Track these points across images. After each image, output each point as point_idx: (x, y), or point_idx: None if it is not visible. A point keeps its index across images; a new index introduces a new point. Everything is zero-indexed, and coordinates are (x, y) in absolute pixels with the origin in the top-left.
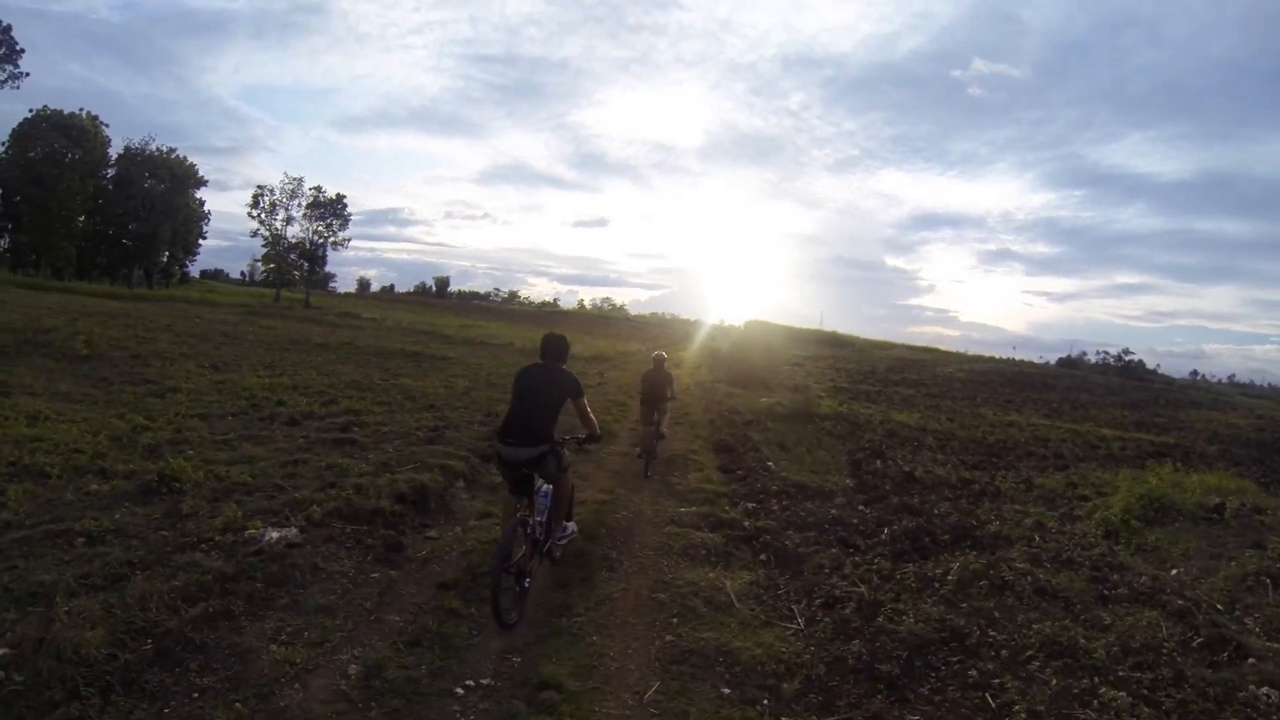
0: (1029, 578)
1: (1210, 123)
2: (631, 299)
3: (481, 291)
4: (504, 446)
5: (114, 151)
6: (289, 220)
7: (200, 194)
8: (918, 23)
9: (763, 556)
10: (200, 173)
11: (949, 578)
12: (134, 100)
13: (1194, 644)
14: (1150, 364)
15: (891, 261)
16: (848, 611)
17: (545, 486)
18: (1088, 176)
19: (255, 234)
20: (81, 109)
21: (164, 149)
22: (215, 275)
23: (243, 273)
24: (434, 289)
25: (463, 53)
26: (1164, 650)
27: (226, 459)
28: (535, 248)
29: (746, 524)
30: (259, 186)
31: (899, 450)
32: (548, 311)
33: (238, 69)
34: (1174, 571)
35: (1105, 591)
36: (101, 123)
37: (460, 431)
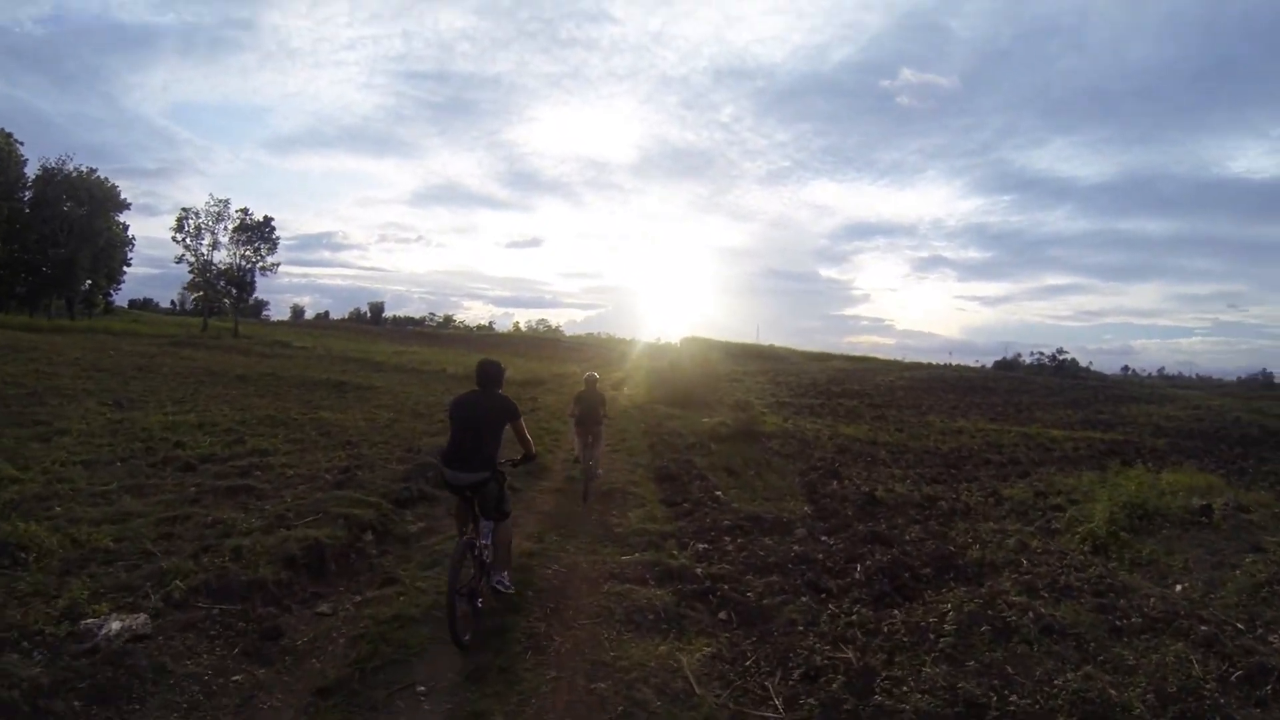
0: (1030, 614)
1: (1130, 126)
2: (567, 320)
3: (416, 317)
4: (449, 470)
5: (31, 172)
6: (215, 244)
7: (125, 218)
8: (847, 33)
9: (722, 615)
10: (123, 195)
11: (945, 626)
12: (60, 119)
13: (1232, 678)
14: (1083, 362)
15: (825, 272)
16: (835, 687)
17: (487, 525)
18: (1015, 181)
19: (180, 259)
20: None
21: (84, 170)
22: (144, 305)
23: (173, 301)
24: (369, 315)
25: (395, 69)
26: (1205, 693)
27: (96, 517)
28: (470, 270)
29: (699, 571)
30: (183, 209)
31: (853, 467)
32: (482, 335)
33: (166, 86)
34: (1179, 588)
35: (1117, 622)
36: (16, 140)
37: (375, 472)
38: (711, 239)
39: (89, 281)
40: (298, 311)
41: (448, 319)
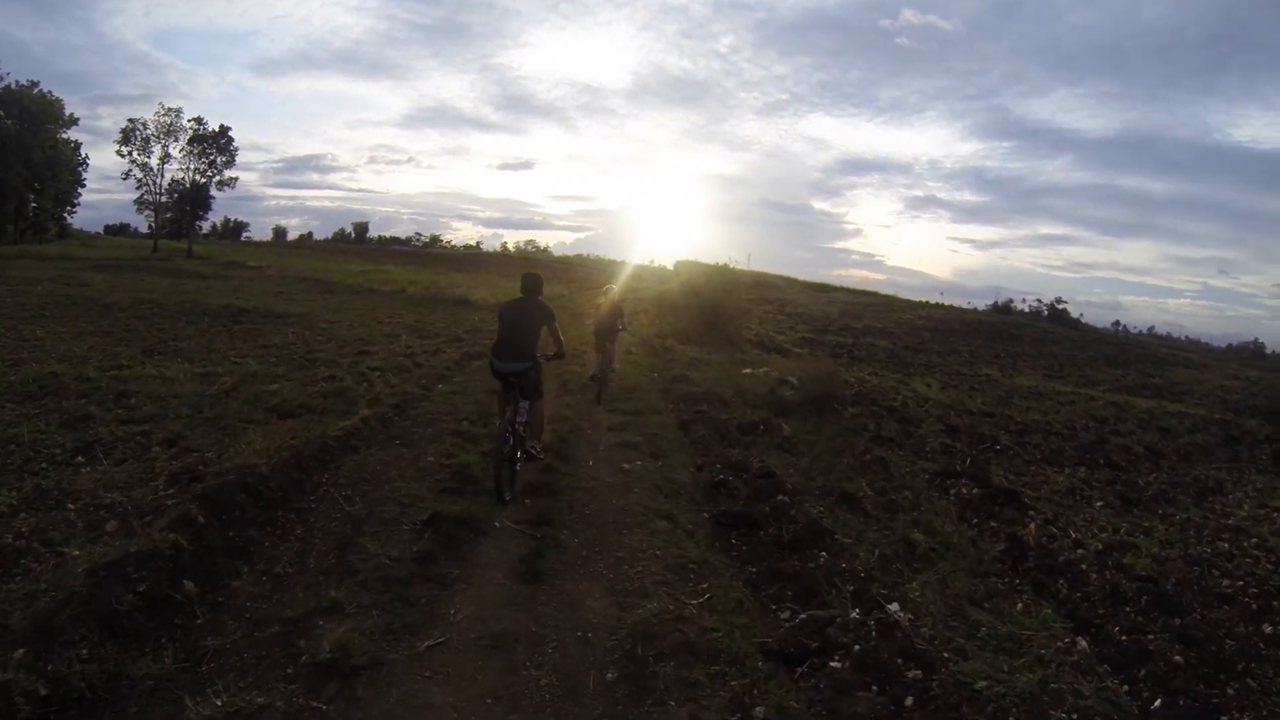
0: None
1: (1138, 83)
2: (556, 241)
3: (403, 237)
4: (497, 361)
5: None
6: (166, 158)
7: (82, 137)
8: None
9: None
10: (70, 111)
11: None
12: (38, 47)
13: None
14: (1073, 313)
15: (818, 205)
16: None
17: (524, 404)
18: (1016, 128)
19: (128, 175)
20: None
21: (20, 83)
22: (121, 230)
23: (150, 226)
24: (353, 235)
25: None
26: None
27: None
28: (460, 191)
29: None
30: (129, 120)
31: (1004, 467)
32: (468, 255)
33: (148, 11)
34: None
35: None
36: None
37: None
38: (705, 167)
39: (34, 203)
40: (280, 232)
41: (434, 239)
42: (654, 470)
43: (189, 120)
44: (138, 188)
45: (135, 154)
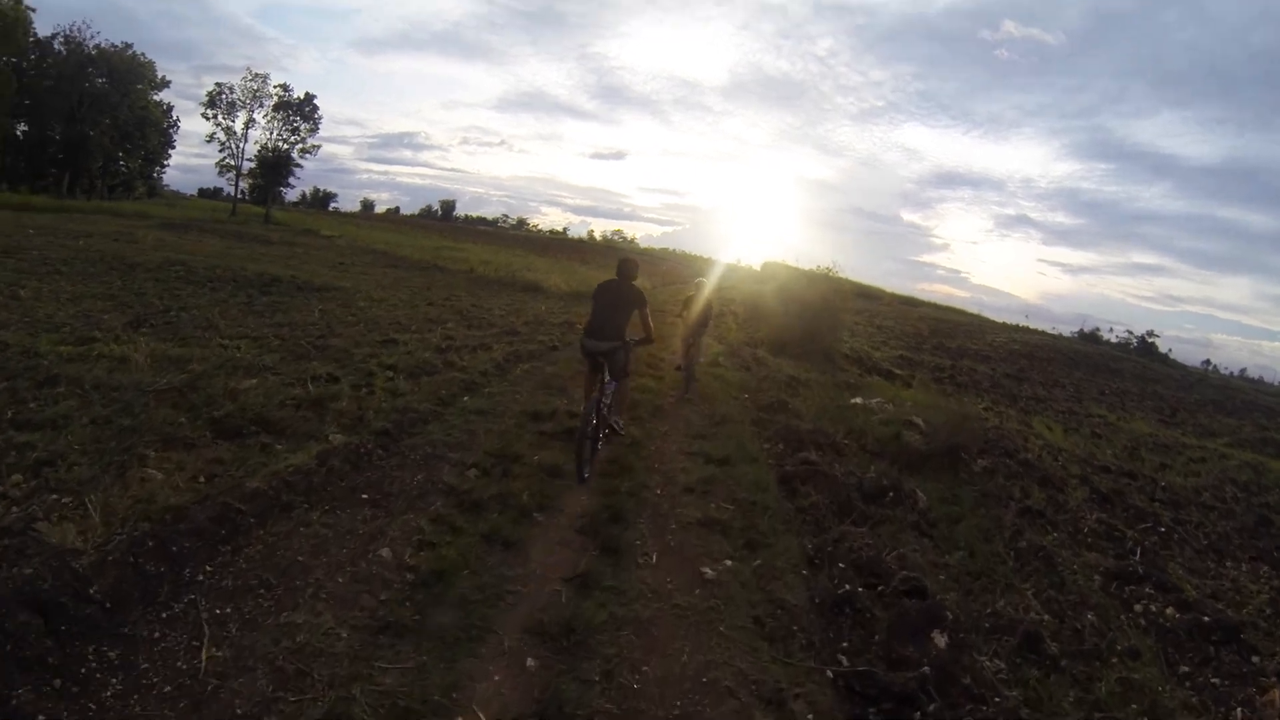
0: None
1: (1245, 110)
2: (643, 233)
3: (490, 217)
4: (588, 339)
5: (57, 45)
6: (250, 123)
7: (178, 102)
8: None
9: None
10: (162, 74)
11: None
12: (146, 16)
13: None
14: (1161, 348)
15: (907, 216)
16: None
17: (611, 384)
18: (1115, 150)
19: (212, 138)
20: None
21: (112, 44)
22: (215, 194)
23: (241, 191)
24: (439, 212)
25: None
26: None
27: None
28: (550, 177)
29: None
30: (217, 84)
31: (1173, 553)
32: (554, 239)
33: None
34: None
35: None
36: (27, 7)
37: None
38: (797, 169)
39: (121, 162)
40: (368, 205)
41: (521, 221)
42: (749, 577)
43: (275, 86)
44: (220, 151)
45: (220, 117)
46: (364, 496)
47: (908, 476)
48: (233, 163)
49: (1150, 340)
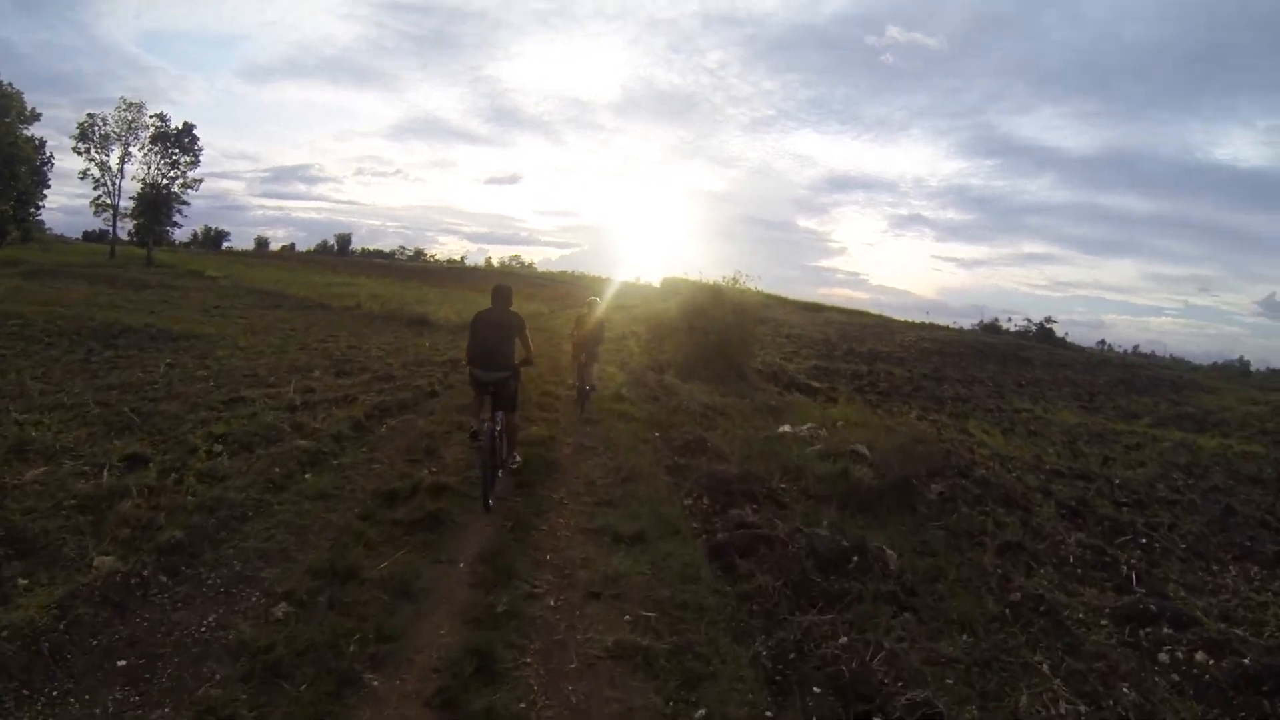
0: None
1: (1119, 102)
2: (542, 258)
3: (387, 250)
4: (477, 370)
5: None
6: (126, 157)
7: (63, 139)
8: None
9: None
10: (32, 106)
11: None
12: (27, 48)
13: None
14: (1058, 333)
15: (804, 223)
16: None
17: (500, 416)
18: (1000, 146)
19: (85, 174)
20: None
21: None
22: (101, 237)
23: (129, 232)
24: (335, 247)
25: (377, 0)
26: None
27: None
28: (446, 205)
29: None
30: (88, 114)
31: (1166, 570)
32: (451, 269)
33: (139, 13)
34: None
35: None
36: None
37: None
38: (691, 183)
39: (2, 205)
40: (262, 243)
41: (418, 253)
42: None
43: (150, 116)
44: (95, 188)
45: (94, 152)
46: (120, 665)
47: (865, 525)
48: (109, 201)
49: (1048, 326)
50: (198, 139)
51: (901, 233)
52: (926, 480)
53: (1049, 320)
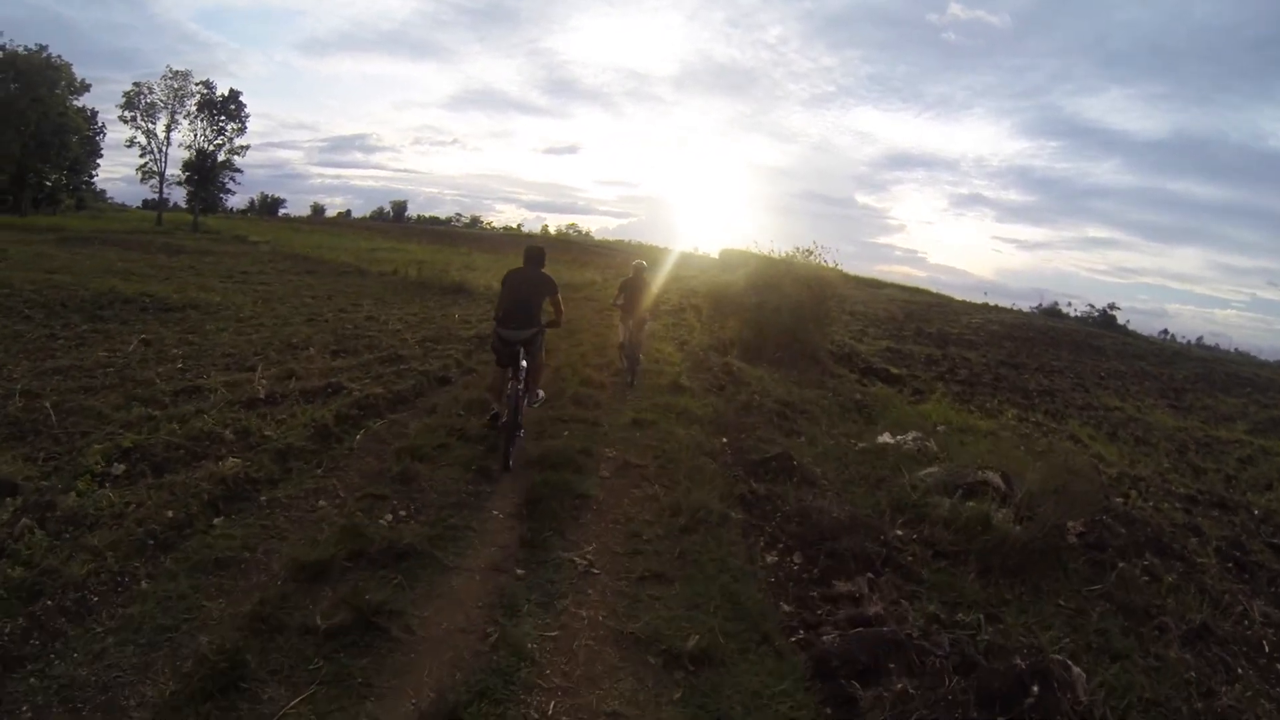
0: None
1: (1189, 86)
2: (599, 226)
3: (443, 217)
4: (505, 329)
5: None
6: (173, 124)
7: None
8: None
9: None
10: (81, 78)
11: None
12: (86, 27)
13: None
14: (1120, 320)
15: (862, 199)
16: None
17: (524, 370)
18: (1065, 128)
19: (132, 142)
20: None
21: (25, 47)
22: (161, 204)
23: (155, 198)
24: (391, 214)
25: None
26: None
27: None
28: (504, 174)
29: None
30: (135, 83)
31: None
32: (504, 236)
33: None
34: None
35: None
36: None
37: None
38: (750, 156)
39: (45, 175)
40: (318, 210)
41: (475, 220)
42: None
43: (196, 84)
44: (141, 155)
45: (140, 120)
46: None
47: (1016, 597)
48: (155, 168)
49: (1111, 313)
50: (244, 105)
51: (962, 212)
52: (1075, 537)
53: (1113, 307)
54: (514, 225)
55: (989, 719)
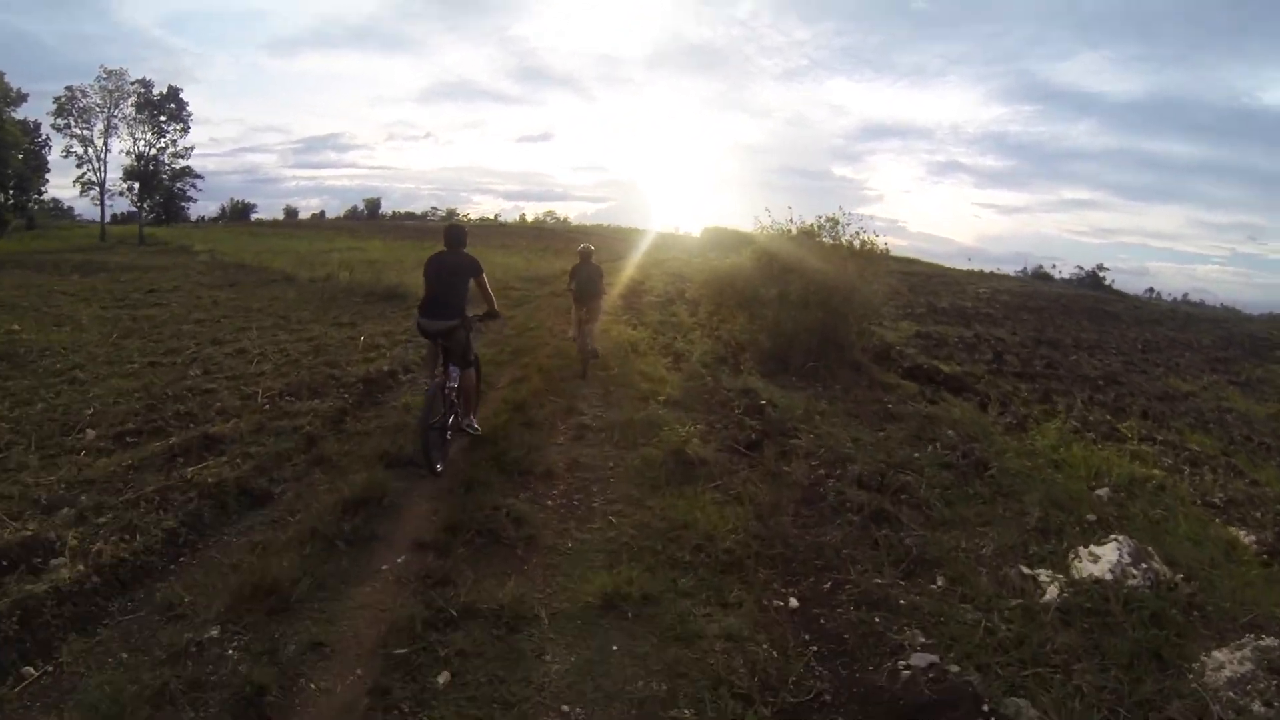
0: None
1: (1163, 46)
2: (577, 212)
3: (419, 212)
4: (423, 319)
5: None
6: (110, 129)
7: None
8: None
9: None
10: (16, 88)
11: None
12: (52, 40)
13: None
14: (1106, 281)
15: (839, 171)
16: None
17: (454, 371)
18: (1039, 92)
19: (68, 152)
20: None
21: None
22: (128, 219)
23: (117, 213)
24: (365, 212)
25: None
26: None
27: None
28: (479, 165)
29: None
30: (66, 88)
31: None
32: (482, 226)
33: None
34: None
35: None
36: None
37: None
38: (725, 134)
39: None
40: (291, 213)
41: (451, 213)
42: None
43: (132, 83)
44: (78, 165)
45: (74, 126)
46: None
47: None
48: (95, 178)
49: (1100, 274)
50: (185, 104)
51: (939, 179)
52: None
53: (1100, 268)
54: (490, 216)
55: None
